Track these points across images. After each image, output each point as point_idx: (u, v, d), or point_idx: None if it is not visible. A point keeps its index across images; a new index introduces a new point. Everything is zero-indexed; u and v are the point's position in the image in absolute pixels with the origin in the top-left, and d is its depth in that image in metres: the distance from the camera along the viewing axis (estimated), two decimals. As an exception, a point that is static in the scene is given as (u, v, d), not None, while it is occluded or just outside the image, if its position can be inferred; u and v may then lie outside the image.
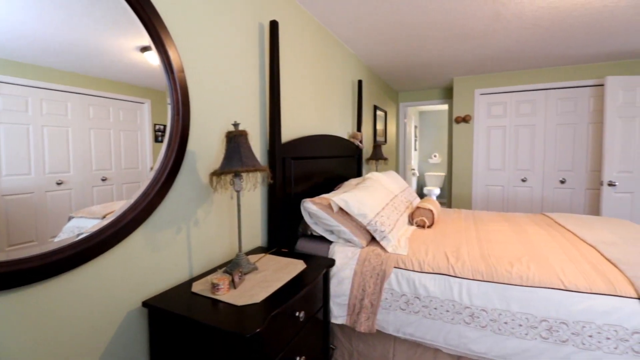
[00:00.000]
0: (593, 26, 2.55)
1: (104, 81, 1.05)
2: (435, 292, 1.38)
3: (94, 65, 1.02)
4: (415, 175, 6.52)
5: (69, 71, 0.95)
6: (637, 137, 3.23)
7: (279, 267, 1.36)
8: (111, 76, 1.07)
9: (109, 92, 1.06)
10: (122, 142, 1.11)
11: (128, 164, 1.13)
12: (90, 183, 1.02)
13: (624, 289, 1.20)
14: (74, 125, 0.97)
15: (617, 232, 1.78)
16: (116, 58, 1.08)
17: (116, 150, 1.09)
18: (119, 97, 1.09)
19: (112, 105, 1.08)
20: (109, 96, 1.07)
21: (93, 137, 1.03)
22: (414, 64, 3.56)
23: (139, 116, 1.18)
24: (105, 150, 1.06)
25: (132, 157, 1.14)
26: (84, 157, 1.00)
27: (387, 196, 1.97)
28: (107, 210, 1.05)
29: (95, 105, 1.03)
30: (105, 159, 1.06)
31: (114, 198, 1.07)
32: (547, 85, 3.75)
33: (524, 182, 3.89)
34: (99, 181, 1.04)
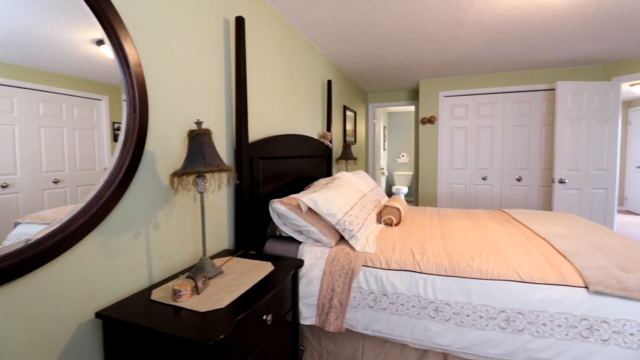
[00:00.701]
0: (545, 34, 2.74)
1: (56, 75, 0.97)
2: (402, 289, 1.41)
3: (44, 58, 0.93)
4: (385, 175, 6.67)
5: (14, 63, 0.86)
6: (584, 138, 3.52)
7: (246, 270, 1.32)
8: (64, 70, 0.99)
9: (62, 88, 0.98)
10: (76, 142, 1.03)
11: (84, 164, 1.05)
12: (40, 186, 0.93)
13: (573, 279, 1.29)
14: (21, 123, 0.89)
15: (566, 226, 1.93)
16: (69, 51, 0.99)
17: (70, 150, 1.01)
18: (73, 93, 1.01)
19: (66, 101, 1.00)
20: (61, 92, 0.98)
21: (43, 136, 0.94)
22: (382, 66, 3.64)
23: (96, 114, 1.10)
24: (57, 150, 0.98)
25: (88, 157, 1.06)
26: (32, 158, 0.91)
27: (356, 195, 1.99)
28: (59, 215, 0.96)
29: (46, 101, 0.95)
30: (57, 159, 0.97)
31: (67, 202, 0.99)
32: (505, 89, 3.98)
33: (485, 180, 4.10)
34: (50, 184, 0.96)
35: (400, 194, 6.57)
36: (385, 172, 6.87)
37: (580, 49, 3.12)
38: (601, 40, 2.88)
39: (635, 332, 1.17)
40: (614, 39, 2.85)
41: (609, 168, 3.56)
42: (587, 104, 3.50)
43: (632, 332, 1.17)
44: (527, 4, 2.19)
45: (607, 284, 1.23)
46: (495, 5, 2.21)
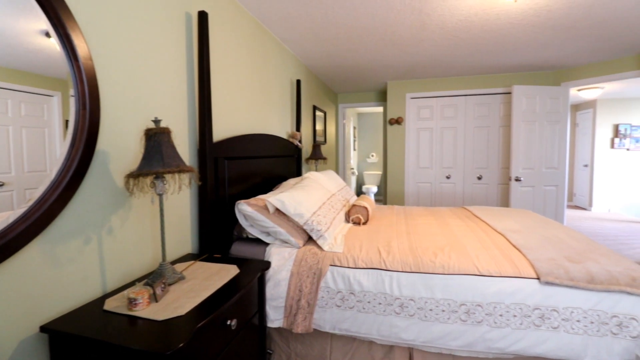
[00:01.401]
0: (502, 41, 2.90)
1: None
2: (368, 287, 1.43)
3: (-16, 49, 0.84)
4: (355, 174, 6.76)
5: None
6: (537, 139, 3.77)
7: (210, 275, 1.28)
8: (8, 63, 0.89)
9: (6, 82, 0.89)
10: (24, 141, 0.94)
11: (33, 166, 0.96)
12: (-18, 189, 0.84)
13: (527, 271, 1.37)
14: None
15: (521, 221, 2.05)
16: (14, 42, 0.91)
17: (17, 151, 0.92)
18: (20, 88, 0.93)
19: (12, 97, 0.91)
20: (5, 87, 0.89)
21: (-15, 135, 0.85)
22: (351, 67, 3.68)
23: (47, 111, 1.01)
24: (2, 150, 0.89)
25: (38, 158, 0.97)
26: (-27, 159, 0.82)
27: (325, 195, 1.99)
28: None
29: (-13, 97, 0.86)
30: (2, 160, 0.88)
31: (14, 206, 0.90)
32: (466, 92, 4.17)
33: (449, 179, 4.28)
34: (-6, 187, 0.87)
35: (370, 193, 6.69)
36: (356, 172, 6.97)
37: (534, 56, 3.34)
38: (552, 48, 3.10)
39: (581, 318, 1.26)
40: (563, 47, 3.08)
41: (559, 167, 3.84)
42: (539, 107, 3.76)
43: (578, 319, 1.26)
44: (485, 11, 2.30)
45: (557, 274, 1.32)
46: (456, 11, 2.30)
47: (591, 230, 4.83)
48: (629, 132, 6.15)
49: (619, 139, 6.19)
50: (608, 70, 3.50)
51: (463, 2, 2.18)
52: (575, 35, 2.77)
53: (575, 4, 2.19)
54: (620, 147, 6.20)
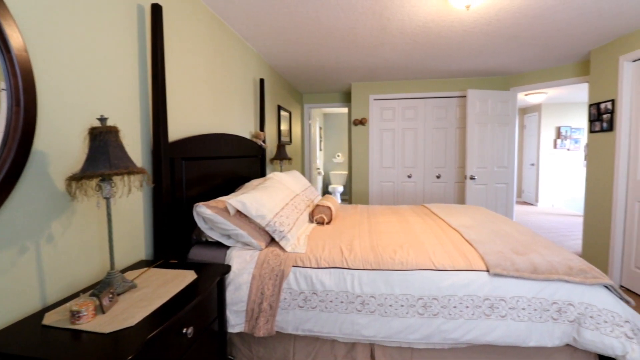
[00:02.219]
0: (457, 46, 3.06)
1: None
2: (330, 286, 1.44)
3: None
4: (321, 174, 6.81)
5: None
6: (489, 139, 4.02)
7: (164, 281, 1.22)
8: None
9: None
10: None
11: None
12: None
13: (478, 264, 1.46)
14: None
15: (474, 217, 2.18)
16: None
17: None
18: None
19: None
20: None
21: None
22: (315, 67, 3.69)
23: None
24: None
25: None
26: None
27: (288, 195, 1.98)
28: None
29: None
30: None
31: None
32: (426, 95, 4.36)
33: (410, 178, 4.45)
34: None
35: (336, 193, 6.77)
36: (322, 172, 7.01)
37: (486, 62, 3.57)
38: (501, 55, 3.32)
39: (526, 306, 1.36)
40: (511, 54, 3.31)
41: (508, 166, 4.13)
42: (491, 110, 4.02)
43: (523, 307, 1.36)
44: (441, 17, 2.42)
45: (504, 266, 1.41)
46: (414, 17, 2.39)
47: (537, 224, 5.25)
48: (569, 134, 6.77)
49: (561, 140, 6.79)
50: (550, 76, 3.82)
51: (420, 9, 2.27)
52: (521, 44, 2.99)
53: (520, 15, 2.36)
54: (561, 147, 6.80)
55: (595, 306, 1.32)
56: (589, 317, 1.31)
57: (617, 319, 1.29)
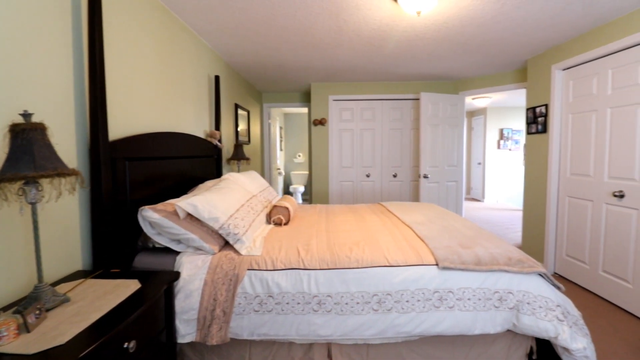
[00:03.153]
0: (410, 51, 3.18)
1: None
2: (287, 287, 1.42)
3: None
4: (282, 175, 6.74)
5: None
6: (440, 140, 4.25)
7: (103, 293, 1.11)
8: None
9: None
10: None
11: None
12: None
13: (428, 259, 1.52)
14: None
15: (426, 214, 2.28)
16: None
17: None
18: None
19: None
20: None
21: None
22: (274, 66, 3.64)
23: None
24: None
25: None
26: None
27: (244, 197, 1.92)
28: None
29: None
30: None
31: None
32: (383, 96, 4.49)
33: (368, 177, 4.57)
34: None
35: (297, 193, 6.75)
36: (283, 172, 6.95)
37: (436, 66, 3.76)
38: (451, 60, 3.52)
39: (471, 297, 1.45)
40: (459, 60, 3.52)
41: (458, 165, 4.40)
42: (442, 112, 4.25)
43: (469, 297, 1.45)
44: (395, 22, 2.50)
45: (452, 260, 1.49)
46: (370, 20, 2.45)
47: (484, 218, 5.66)
48: (510, 135, 7.38)
49: (503, 141, 7.38)
50: (494, 82, 4.13)
51: (375, 12, 2.32)
52: (468, 51, 3.19)
53: (466, 23, 2.52)
54: (504, 148, 7.40)
55: (531, 293, 1.43)
56: (526, 304, 1.42)
57: (550, 303, 1.42)
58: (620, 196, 2.45)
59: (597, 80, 2.66)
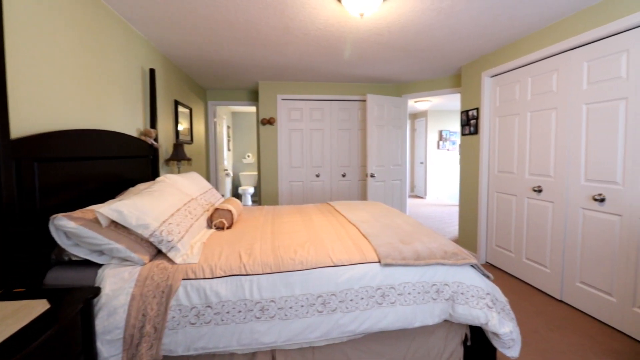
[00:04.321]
0: (356, 53, 3.24)
1: None
2: (227, 296, 1.34)
3: None
4: (230, 176, 6.48)
5: None
6: (385, 140, 4.41)
7: (1, 318, 0.94)
8: None
9: None
10: None
11: None
12: None
13: (371, 256, 1.55)
14: None
15: (371, 212, 2.34)
16: None
17: None
18: None
19: None
20: None
21: None
22: (218, 62, 3.47)
23: None
24: None
25: None
26: None
27: (181, 200, 1.78)
28: None
29: None
30: None
31: None
32: (331, 97, 4.54)
33: (318, 177, 4.58)
34: None
35: (246, 195, 6.55)
36: (231, 173, 6.69)
37: (381, 69, 3.89)
38: (393, 64, 3.67)
39: (411, 291, 1.50)
40: (401, 64, 3.69)
41: (402, 164, 4.61)
42: (387, 113, 4.42)
43: (409, 291, 1.49)
44: (341, 23, 2.52)
45: (393, 256, 1.53)
46: (316, 19, 2.43)
47: (426, 214, 6.02)
48: (448, 137, 7.96)
49: (442, 141, 7.94)
50: (433, 86, 4.40)
51: (321, 12, 2.32)
52: (408, 55, 3.35)
53: (406, 30, 2.63)
54: (443, 148, 7.96)
55: (465, 283, 1.53)
56: (460, 294, 1.51)
57: (480, 292, 1.52)
58: (538, 191, 2.75)
59: (519, 87, 2.96)
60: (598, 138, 2.25)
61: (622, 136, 2.09)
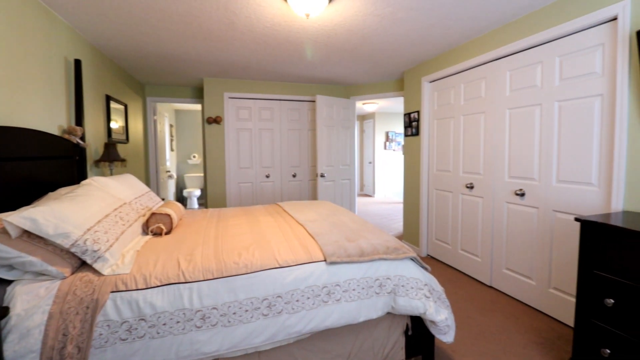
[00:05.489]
0: (302, 54, 3.25)
1: None
2: (163, 306, 1.25)
3: None
4: (173, 178, 6.09)
5: None
6: (335, 141, 4.50)
7: None
8: None
9: None
10: None
11: None
12: None
13: (317, 255, 1.56)
14: None
15: (319, 211, 2.36)
16: None
17: None
18: None
19: None
20: None
21: None
22: (157, 56, 3.24)
23: None
24: None
25: None
26: None
27: (111, 205, 1.62)
28: None
29: None
30: None
31: None
32: (281, 97, 4.50)
33: (268, 178, 4.52)
34: None
35: (192, 198, 6.22)
36: (174, 175, 6.30)
37: (329, 71, 3.95)
38: (341, 66, 3.74)
39: (356, 287, 1.54)
40: (349, 67, 3.78)
41: (350, 164, 4.74)
42: (336, 114, 4.50)
43: (354, 287, 1.53)
44: (287, 22, 2.50)
45: (339, 254, 1.56)
46: (262, 16, 2.39)
47: (375, 212, 6.26)
48: (394, 138, 8.37)
49: (389, 142, 8.33)
50: (379, 89, 4.58)
51: (266, 9, 2.28)
52: (355, 59, 3.45)
53: (352, 33, 2.70)
54: (389, 148, 8.35)
55: (405, 276, 1.61)
56: (401, 286, 1.58)
57: (419, 283, 1.61)
58: (471, 187, 3.00)
59: (454, 92, 3.21)
60: (519, 139, 2.53)
61: (538, 138, 2.37)
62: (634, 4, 1.74)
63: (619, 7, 1.80)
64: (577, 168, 2.11)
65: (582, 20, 2.00)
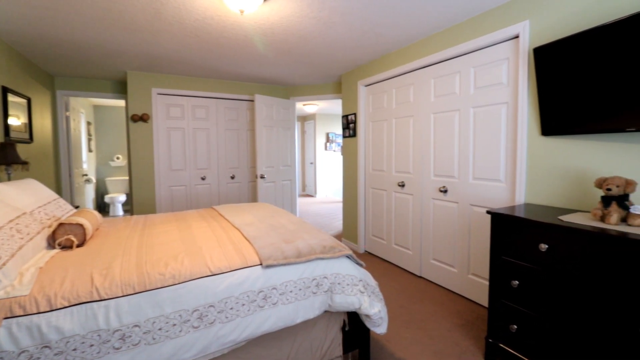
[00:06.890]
0: (241, 51, 3.14)
1: None
2: (74, 330, 1.09)
3: None
4: (92, 182, 5.41)
5: None
6: (275, 141, 4.45)
7: None
8: None
9: None
10: None
11: None
12: None
13: (252, 259, 1.51)
14: None
15: (256, 214, 2.30)
16: None
17: None
18: None
19: None
20: None
21: None
22: (69, 44, 2.85)
23: None
24: None
25: None
26: None
27: (5, 216, 1.37)
28: None
29: None
30: None
31: None
32: (217, 95, 4.30)
33: (204, 180, 4.28)
34: None
35: (116, 204, 5.62)
36: (93, 179, 5.61)
37: (268, 70, 3.89)
38: (280, 66, 3.71)
39: (293, 288, 1.53)
40: (287, 68, 3.76)
41: (291, 164, 4.73)
42: (276, 115, 4.45)
43: (291, 289, 1.52)
44: (221, 17, 2.39)
45: (275, 256, 1.53)
46: (192, 8, 2.24)
47: (316, 211, 6.35)
48: (334, 139, 8.59)
49: (329, 143, 8.52)
50: (318, 91, 4.65)
51: (197, 2, 2.15)
52: (293, 60, 3.44)
53: (289, 33, 2.69)
54: (330, 149, 8.55)
55: (341, 274, 1.65)
56: (338, 284, 1.62)
57: (354, 280, 1.66)
58: (402, 185, 3.21)
59: (387, 96, 3.40)
60: (442, 141, 2.78)
61: (457, 140, 2.63)
62: (533, 24, 2.03)
63: (520, 27, 2.08)
64: (488, 167, 2.39)
65: (492, 36, 2.27)
